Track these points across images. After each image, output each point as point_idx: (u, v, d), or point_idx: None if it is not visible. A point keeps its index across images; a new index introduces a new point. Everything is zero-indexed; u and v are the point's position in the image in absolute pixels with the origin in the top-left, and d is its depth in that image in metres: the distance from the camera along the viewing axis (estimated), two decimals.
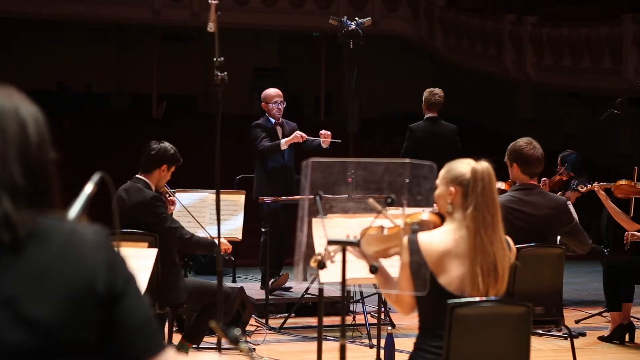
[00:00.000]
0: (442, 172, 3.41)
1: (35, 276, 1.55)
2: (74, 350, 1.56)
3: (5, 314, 1.52)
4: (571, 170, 8.23)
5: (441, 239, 3.33)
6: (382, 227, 3.39)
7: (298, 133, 7.34)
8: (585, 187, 7.19)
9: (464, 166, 3.36)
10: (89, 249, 1.61)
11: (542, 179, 7.86)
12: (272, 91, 7.70)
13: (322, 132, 7.34)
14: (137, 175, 5.37)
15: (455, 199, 3.34)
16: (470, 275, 3.27)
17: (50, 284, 1.55)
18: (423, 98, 8.17)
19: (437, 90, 8.20)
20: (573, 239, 5.19)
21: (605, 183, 7.10)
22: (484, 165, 3.36)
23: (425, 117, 8.19)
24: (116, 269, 1.63)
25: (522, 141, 5.09)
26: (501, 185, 5.87)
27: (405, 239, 3.32)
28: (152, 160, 5.35)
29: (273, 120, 7.60)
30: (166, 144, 5.39)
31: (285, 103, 7.61)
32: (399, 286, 3.34)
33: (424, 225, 3.42)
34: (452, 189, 3.34)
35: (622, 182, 6.99)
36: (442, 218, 3.43)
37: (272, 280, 7.48)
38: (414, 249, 3.30)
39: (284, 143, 7.36)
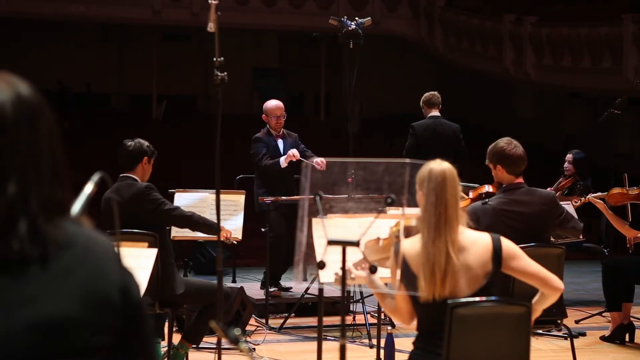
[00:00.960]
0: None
1: (56, 278, 1.56)
2: (89, 354, 1.57)
3: (24, 314, 1.52)
4: (577, 170, 8.23)
5: (418, 243, 3.34)
6: (378, 239, 3.41)
7: (292, 152, 7.28)
8: (580, 201, 7.17)
9: (425, 168, 3.36)
10: (106, 257, 1.63)
11: (548, 189, 7.87)
12: (272, 105, 7.53)
13: (317, 161, 7.35)
14: (122, 175, 5.39)
15: (421, 201, 3.36)
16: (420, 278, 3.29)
17: (70, 286, 1.56)
18: (422, 103, 8.22)
19: (434, 92, 8.29)
20: (565, 228, 5.21)
21: (598, 193, 7.06)
22: (442, 166, 3.34)
23: (428, 116, 8.22)
24: (130, 281, 1.65)
25: (502, 142, 5.04)
26: (489, 188, 5.85)
27: (392, 248, 3.34)
28: (132, 156, 5.39)
29: (274, 134, 7.55)
30: (139, 139, 5.44)
31: (285, 116, 7.54)
32: (396, 294, 3.35)
33: (409, 232, 3.42)
34: (420, 192, 3.35)
35: (615, 190, 6.94)
36: None
37: (273, 288, 7.47)
38: (398, 255, 3.32)
39: (283, 161, 7.33)
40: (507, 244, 3.45)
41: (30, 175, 1.56)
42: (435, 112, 8.18)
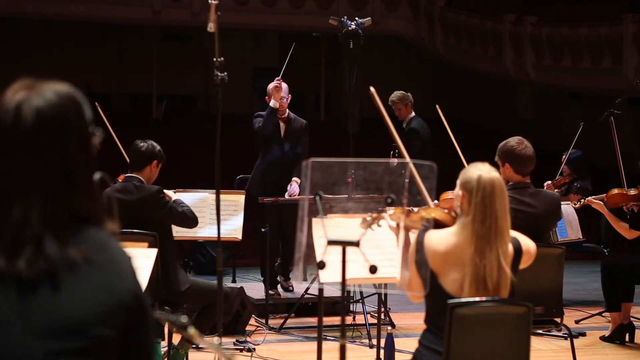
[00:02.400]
0: (461, 173, 3.41)
1: (70, 293, 1.59)
2: (98, 344, 1.59)
3: (36, 326, 1.55)
4: (573, 170, 8.26)
5: (445, 240, 3.33)
6: (411, 210, 3.44)
7: (272, 85, 7.38)
8: (579, 203, 7.14)
9: (475, 171, 3.33)
10: (121, 266, 1.68)
11: (546, 182, 7.90)
12: (271, 86, 7.55)
13: (292, 191, 7.34)
14: (128, 174, 5.37)
15: (463, 202, 3.34)
16: (462, 284, 3.28)
17: (86, 294, 1.60)
18: (406, 102, 8.51)
19: (406, 92, 8.60)
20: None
21: (597, 195, 7.03)
22: (491, 175, 3.30)
23: (413, 117, 8.51)
24: (139, 287, 1.69)
25: (513, 141, 5.11)
26: None
27: (415, 234, 3.34)
28: (143, 157, 5.37)
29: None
30: (152, 142, 5.43)
31: (289, 99, 7.55)
32: (409, 279, 3.36)
33: (437, 223, 3.43)
34: (460, 192, 3.34)
35: (614, 191, 6.91)
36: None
37: (273, 292, 7.48)
38: (420, 245, 3.32)
39: (271, 105, 7.30)
40: (525, 243, 3.47)
41: (37, 197, 1.57)
42: (414, 113, 8.55)
